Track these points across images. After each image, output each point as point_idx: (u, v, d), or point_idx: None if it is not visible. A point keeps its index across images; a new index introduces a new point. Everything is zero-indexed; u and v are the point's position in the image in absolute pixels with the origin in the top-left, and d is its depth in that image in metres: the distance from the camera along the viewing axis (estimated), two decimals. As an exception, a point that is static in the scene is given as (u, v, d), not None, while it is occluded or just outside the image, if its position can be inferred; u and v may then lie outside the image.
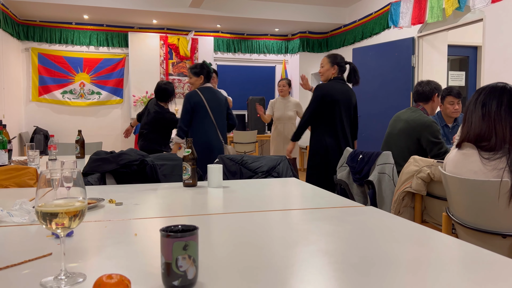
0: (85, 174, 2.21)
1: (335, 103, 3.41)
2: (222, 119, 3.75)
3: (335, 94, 3.42)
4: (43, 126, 7.25)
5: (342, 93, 3.44)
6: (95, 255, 1.00)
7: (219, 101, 3.73)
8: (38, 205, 0.81)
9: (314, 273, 0.88)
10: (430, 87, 3.10)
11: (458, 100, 3.44)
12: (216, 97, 3.72)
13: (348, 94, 3.48)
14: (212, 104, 3.67)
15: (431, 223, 2.46)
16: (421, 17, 5.31)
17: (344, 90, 3.46)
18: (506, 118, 1.65)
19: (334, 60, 3.55)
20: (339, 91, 3.44)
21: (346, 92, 3.47)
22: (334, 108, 3.43)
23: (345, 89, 3.48)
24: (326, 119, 3.46)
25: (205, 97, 3.65)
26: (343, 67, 3.56)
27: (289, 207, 1.52)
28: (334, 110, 3.43)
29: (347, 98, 3.47)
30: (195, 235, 0.79)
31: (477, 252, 1.02)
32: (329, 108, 3.42)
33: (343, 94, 3.45)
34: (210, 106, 3.66)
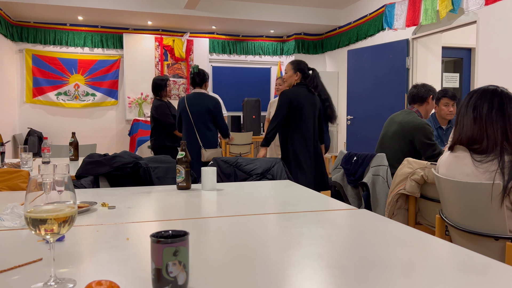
0: (78, 177, 2.20)
1: (301, 108, 3.44)
2: (203, 123, 3.82)
3: (300, 99, 3.45)
4: (37, 128, 7.21)
5: (306, 98, 3.48)
6: (86, 260, 0.99)
7: (202, 106, 3.81)
8: (27, 210, 0.80)
9: (307, 277, 0.88)
10: (425, 89, 3.12)
11: (453, 102, 3.45)
12: (199, 103, 3.82)
13: (312, 100, 3.51)
14: (194, 109, 3.84)
15: (425, 225, 2.47)
16: (415, 19, 5.34)
17: (308, 96, 3.50)
18: (497, 121, 1.65)
19: (297, 66, 3.58)
20: (304, 96, 3.47)
21: (310, 98, 3.50)
22: (301, 113, 3.45)
23: (309, 94, 3.51)
24: (294, 124, 3.48)
25: (188, 102, 3.86)
26: (306, 74, 3.57)
27: (282, 210, 1.52)
28: (301, 115, 3.46)
29: (311, 103, 3.50)
30: (186, 241, 0.79)
31: (469, 256, 1.02)
32: (296, 113, 3.45)
33: (307, 99, 3.48)
34: (192, 111, 3.84)
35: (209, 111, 3.82)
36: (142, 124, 7.10)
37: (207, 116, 3.83)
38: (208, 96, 3.89)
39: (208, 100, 3.85)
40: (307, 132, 3.45)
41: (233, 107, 8.17)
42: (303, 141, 3.44)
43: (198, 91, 3.92)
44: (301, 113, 3.44)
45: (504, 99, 1.69)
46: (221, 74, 8.15)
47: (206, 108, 3.81)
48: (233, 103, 8.14)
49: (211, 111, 3.83)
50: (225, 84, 8.19)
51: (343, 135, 7.36)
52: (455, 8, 4.64)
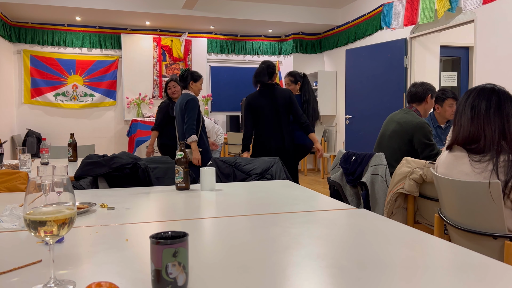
0: (77, 178, 2.20)
1: (257, 110, 3.75)
2: (179, 122, 3.89)
3: (257, 101, 3.75)
4: (35, 128, 7.20)
5: (265, 98, 3.74)
6: (85, 261, 0.99)
7: (178, 105, 3.89)
8: (27, 212, 0.80)
9: (306, 278, 0.88)
10: (424, 88, 3.12)
11: (456, 102, 3.46)
12: (178, 103, 3.92)
13: (273, 97, 3.74)
14: (175, 110, 3.99)
15: (423, 224, 2.47)
16: (413, 18, 5.34)
17: (268, 94, 3.74)
18: (495, 120, 1.66)
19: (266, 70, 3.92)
20: (261, 97, 3.75)
21: (270, 95, 3.74)
22: (258, 114, 3.75)
23: (270, 92, 3.74)
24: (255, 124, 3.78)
25: (176, 104, 4.01)
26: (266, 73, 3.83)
27: (281, 210, 1.52)
28: (259, 116, 3.75)
29: (271, 101, 3.73)
30: (185, 242, 0.79)
31: (468, 255, 1.03)
32: (254, 114, 3.76)
33: (266, 98, 3.74)
34: (174, 111, 4.00)
35: (182, 110, 3.82)
36: (141, 124, 7.09)
37: (182, 114, 3.84)
38: (185, 95, 3.88)
39: (182, 99, 3.85)
40: (267, 129, 3.73)
41: (231, 107, 8.18)
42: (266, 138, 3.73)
43: (184, 92, 3.97)
44: (258, 114, 3.75)
45: (501, 97, 1.70)
46: (219, 74, 8.15)
47: (180, 107, 3.83)
48: (231, 103, 8.14)
49: (183, 109, 3.81)
50: (224, 84, 8.19)
51: (341, 134, 7.37)
52: (453, 7, 4.64)
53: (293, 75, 4.25)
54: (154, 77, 7.61)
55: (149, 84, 7.58)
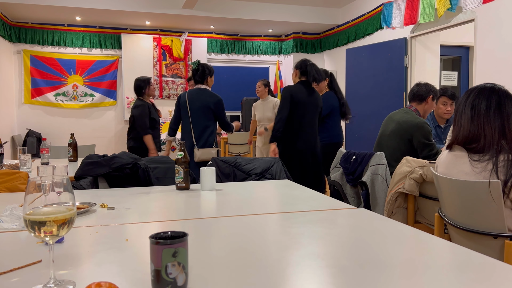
0: (77, 178, 2.20)
1: (301, 105, 3.48)
2: (200, 121, 3.69)
3: (301, 96, 3.49)
4: (36, 128, 7.21)
5: (308, 96, 3.52)
6: (85, 261, 0.99)
7: (202, 102, 3.67)
8: (26, 213, 0.80)
9: (306, 277, 0.88)
10: (426, 89, 3.12)
11: (452, 101, 3.46)
12: (199, 99, 3.68)
13: (314, 97, 3.55)
14: (193, 106, 3.70)
15: (424, 223, 2.47)
16: (413, 17, 5.34)
17: (310, 93, 3.54)
18: (495, 120, 1.66)
19: (296, 65, 3.68)
20: (305, 93, 3.52)
21: (312, 95, 3.54)
22: (302, 110, 3.49)
23: (311, 91, 3.56)
24: (295, 121, 3.51)
25: (188, 98, 3.72)
26: (304, 70, 3.61)
27: (281, 210, 1.52)
28: (302, 112, 3.49)
29: (313, 101, 3.54)
30: (185, 242, 0.79)
31: (468, 254, 1.03)
32: (297, 109, 3.49)
33: (309, 96, 3.52)
34: (191, 108, 3.70)
35: (208, 108, 3.67)
36: (141, 124, 7.08)
37: (207, 114, 3.68)
38: (210, 93, 3.73)
39: (209, 97, 3.69)
40: (309, 130, 3.51)
41: (232, 107, 8.17)
42: (305, 140, 3.49)
43: (200, 87, 3.75)
44: (303, 111, 3.48)
45: (501, 97, 1.70)
46: (219, 74, 8.15)
47: (206, 105, 3.66)
48: (232, 103, 8.14)
49: (211, 109, 3.68)
50: (224, 83, 8.19)
51: (342, 134, 7.36)
52: (453, 7, 4.64)
53: (323, 71, 4.12)
54: (154, 77, 7.61)
55: (149, 84, 7.57)
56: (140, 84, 4.26)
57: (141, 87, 4.24)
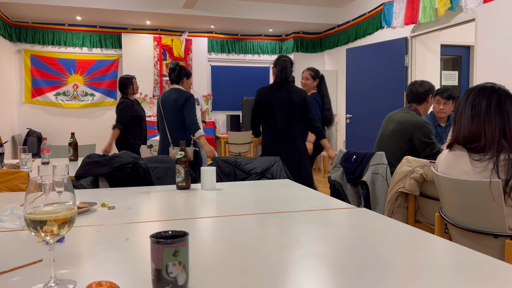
0: (78, 177, 2.20)
1: (270, 105, 3.42)
2: (173, 119, 3.72)
3: (269, 96, 3.43)
4: (36, 128, 7.21)
5: (278, 94, 3.42)
6: (86, 261, 1.00)
7: (172, 101, 3.69)
8: (27, 212, 0.80)
9: (306, 277, 0.88)
10: (424, 89, 3.11)
11: (445, 100, 3.46)
12: (171, 98, 3.72)
13: (286, 95, 3.43)
14: (165, 105, 3.76)
15: (424, 223, 2.47)
16: (414, 17, 5.34)
17: (282, 91, 3.43)
18: (495, 119, 1.66)
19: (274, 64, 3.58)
20: (274, 92, 3.43)
21: (285, 93, 3.42)
22: (272, 109, 3.42)
23: (286, 89, 3.43)
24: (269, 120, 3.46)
25: (161, 99, 3.81)
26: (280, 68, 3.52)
27: (282, 210, 1.52)
28: (273, 111, 3.42)
29: (285, 99, 3.42)
30: (185, 241, 0.79)
31: (469, 254, 1.03)
32: (267, 110, 3.44)
33: (280, 94, 3.42)
34: (164, 108, 3.77)
35: (179, 105, 3.67)
36: (141, 124, 7.09)
37: (177, 111, 3.68)
38: (181, 92, 3.73)
39: (179, 95, 3.69)
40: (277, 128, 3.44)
41: (232, 107, 8.17)
42: (272, 138, 3.43)
43: (174, 87, 3.79)
44: (272, 110, 3.42)
45: (502, 96, 1.70)
46: (220, 74, 8.15)
47: (177, 103, 3.67)
48: (232, 103, 8.14)
49: (180, 105, 3.67)
50: (224, 83, 8.18)
51: (342, 133, 7.36)
52: (453, 6, 4.64)
53: (313, 70, 4.13)
54: (154, 77, 7.61)
55: (149, 84, 7.58)
56: (124, 81, 4.31)
57: (125, 84, 4.30)
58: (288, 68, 3.44)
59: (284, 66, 3.43)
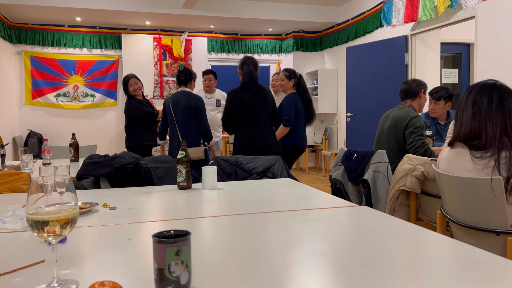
0: (79, 178, 2.20)
1: (243, 107, 3.47)
2: (185, 122, 3.78)
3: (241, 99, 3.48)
4: (37, 129, 7.22)
5: (248, 96, 3.48)
6: (88, 261, 1.00)
7: (185, 104, 3.76)
8: (29, 212, 0.80)
9: (308, 276, 0.89)
10: (416, 84, 3.16)
11: (435, 101, 3.49)
12: (182, 101, 3.78)
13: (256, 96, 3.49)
14: (176, 108, 3.81)
15: (426, 221, 2.47)
16: (413, 15, 5.33)
17: (251, 93, 3.48)
18: (497, 116, 1.65)
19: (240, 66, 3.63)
20: (243, 95, 3.48)
21: (254, 94, 3.48)
22: (245, 112, 3.48)
23: (253, 91, 3.49)
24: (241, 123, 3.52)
25: (172, 101, 3.84)
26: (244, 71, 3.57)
27: (283, 209, 1.52)
28: (245, 114, 3.48)
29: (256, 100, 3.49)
30: (188, 240, 0.79)
31: (471, 251, 1.03)
32: (240, 112, 3.49)
33: (250, 96, 3.48)
34: (175, 110, 3.82)
35: (191, 109, 3.76)
36: (142, 124, 7.08)
37: (189, 114, 3.77)
38: (192, 95, 3.84)
39: (191, 98, 3.79)
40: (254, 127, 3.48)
41: (232, 106, 8.15)
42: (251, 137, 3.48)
43: (183, 89, 3.88)
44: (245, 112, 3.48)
45: (503, 93, 1.70)
46: (220, 73, 8.12)
47: (189, 107, 3.76)
48: (232, 102, 8.13)
49: (193, 109, 3.77)
50: (224, 83, 8.17)
51: (343, 132, 7.36)
52: (453, 4, 4.63)
53: (289, 70, 4.16)
54: (154, 77, 7.61)
55: (149, 84, 7.58)
56: (123, 82, 4.31)
57: (123, 85, 4.30)
58: (253, 73, 3.53)
59: (250, 73, 3.52)
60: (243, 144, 3.49)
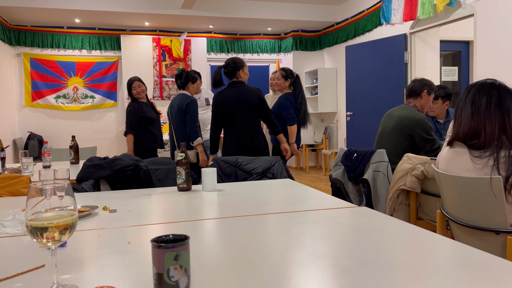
0: (79, 180, 2.21)
1: (226, 109, 3.42)
2: (179, 124, 3.80)
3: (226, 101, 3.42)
4: (37, 131, 7.22)
5: (234, 97, 3.41)
6: (88, 265, 1.00)
7: (176, 107, 3.80)
8: (28, 218, 0.81)
9: (308, 278, 0.89)
10: (420, 84, 3.12)
11: (435, 101, 3.47)
12: (177, 103, 3.82)
13: (239, 96, 3.41)
14: (172, 110, 3.88)
15: (426, 220, 2.47)
16: (412, 13, 5.33)
17: (237, 93, 3.42)
18: (495, 115, 1.65)
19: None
20: (231, 96, 3.42)
21: (240, 95, 3.41)
22: (228, 114, 3.42)
23: (240, 91, 3.42)
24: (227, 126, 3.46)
25: (170, 104, 3.95)
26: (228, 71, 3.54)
27: (283, 210, 1.52)
28: (230, 115, 3.42)
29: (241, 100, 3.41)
30: (186, 245, 0.79)
31: (471, 252, 1.03)
32: (224, 115, 3.44)
33: (236, 97, 3.41)
34: (171, 112, 3.89)
35: (182, 111, 3.77)
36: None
37: (182, 116, 3.78)
38: (184, 96, 3.82)
39: (182, 100, 3.79)
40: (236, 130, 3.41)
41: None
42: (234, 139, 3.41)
43: (180, 92, 3.92)
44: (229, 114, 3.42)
45: (502, 92, 1.70)
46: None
47: (180, 109, 3.78)
48: (232, 102, 8.13)
49: (184, 110, 3.76)
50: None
51: (343, 131, 7.36)
52: (452, 2, 4.63)
53: (285, 70, 4.13)
54: (154, 78, 7.62)
55: (149, 85, 7.58)
56: (127, 84, 4.27)
57: (127, 87, 4.26)
58: (216, 76, 3.49)
59: (213, 76, 3.50)
60: (229, 146, 3.44)
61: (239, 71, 3.50)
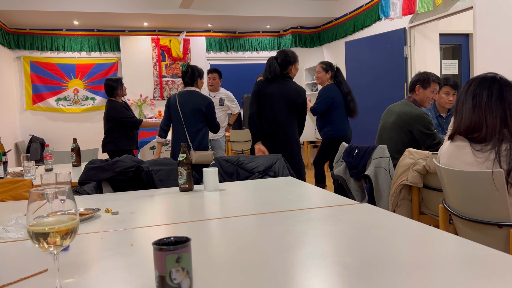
0: (81, 183, 2.21)
1: (268, 98, 3.36)
2: (193, 123, 3.67)
3: (267, 90, 3.36)
4: (38, 134, 7.23)
5: (275, 89, 3.36)
6: (91, 269, 1.00)
7: (194, 105, 3.65)
8: (29, 224, 0.81)
9: (311, 277, 0.89)
10: (416, 78, 3.11)
11: (454, 91, 3.44)
12: (190, 101, 3.67)
13: (284, 90, 3.37)
14: (184, 109, 3.68)
15: (429, 214, 2.47)
16: (411, 7, 5.31)
17: (280, 86, 3.37)
18: (496, 109, 1.65)
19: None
20: (271, 87, 3.37)
21: (282, 88, 3.36)
22: (269, 104, 3.37)
23: (284, 86, 3.38)
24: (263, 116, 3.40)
25: (179, 101, 3.70)
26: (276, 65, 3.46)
27: (285, 208, 1.52)
28: (269, 106, 3.37)
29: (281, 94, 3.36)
30: (188, 247, 0.79)
31: (474, 248, 1.02)
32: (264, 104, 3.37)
33: (277, 89, 3.36)
34: (183, 111, 3.68)
35: (200, 111, 3.66)
36: (143, 125, 7.09)
37: (199, 116, 3.67)
38: (200, 96, 3.72)
39: (200, 100, 3.67)
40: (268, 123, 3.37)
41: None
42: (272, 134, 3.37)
43: (190, 89, 3.76)
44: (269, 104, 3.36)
45: (503, 86, 1.69)
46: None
47: (198, 108, 3.65)
48: (232, 100, 8.12)
49: (203, 111, 3.66)
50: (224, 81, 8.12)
51: (344, 127, 7.34)
52: (451, -5, 4.61)
53: (325, 63, 4.27)
54: (154, 78, 7.62)
55: (149, 85, 7.59)
56: (112, 84, 4.12)
57: (113, 87, 4.11)
58: (272, 66, 3.40)
59: (268, 66, 3.42)
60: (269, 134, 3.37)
61: (292, 66, 3.46)
